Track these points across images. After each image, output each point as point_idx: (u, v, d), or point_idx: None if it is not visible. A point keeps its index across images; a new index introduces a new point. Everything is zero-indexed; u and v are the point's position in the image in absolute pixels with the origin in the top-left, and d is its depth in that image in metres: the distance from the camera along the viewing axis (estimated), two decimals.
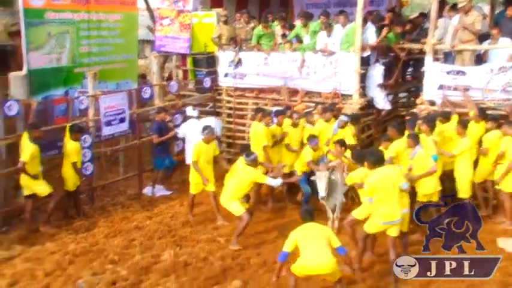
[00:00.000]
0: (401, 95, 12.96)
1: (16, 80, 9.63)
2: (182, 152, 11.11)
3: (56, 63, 10.32)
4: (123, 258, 7.72)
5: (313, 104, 10.66)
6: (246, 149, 8.66)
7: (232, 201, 8.15)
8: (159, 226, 8.89)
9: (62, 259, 7.64)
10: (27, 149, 8.32)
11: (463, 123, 8.72)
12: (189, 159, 9.88)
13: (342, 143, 8.71)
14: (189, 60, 13.30)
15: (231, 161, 12.08)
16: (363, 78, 10.74)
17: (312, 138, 9.08)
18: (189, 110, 11.16)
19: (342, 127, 9.31)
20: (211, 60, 12.62)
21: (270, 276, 6.94)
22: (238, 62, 12.04)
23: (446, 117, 9.10)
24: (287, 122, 9.76)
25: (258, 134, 9.56)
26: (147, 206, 10.03)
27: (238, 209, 8.09)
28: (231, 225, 8.75)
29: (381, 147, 8.24)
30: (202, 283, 7.02)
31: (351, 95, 10.62)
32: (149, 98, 11.24)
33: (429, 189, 7.93)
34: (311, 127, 9.60)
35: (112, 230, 8.73)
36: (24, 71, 9.73)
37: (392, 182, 6.63)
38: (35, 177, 8.46)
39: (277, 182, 8.20)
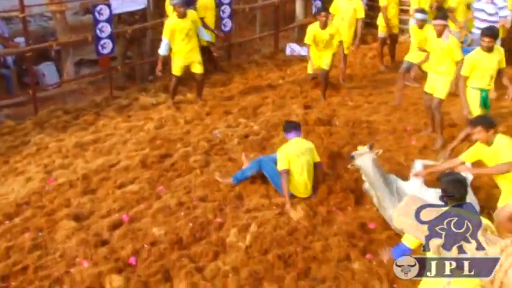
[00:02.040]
0: None
1: None
2: None
3: None
4: (255, 114, 8.09)
5: None
6: None
7: None
8: (291, 86, 9.07)
9: (201, 110, 8.19)
10: None
11: None
12: None
13: None
14: None
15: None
16: None
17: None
18: None
19: None
20: None
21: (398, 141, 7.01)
22: None
23: None
24: None
25: None
26: (281, 65, 10.16)
27: None
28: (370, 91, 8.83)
29: None
30: (329, 145, 7.08)
31: None
32: None
33: None
34: None
35: (246, 87, 9.08)
36: None
37: None
38: None
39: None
